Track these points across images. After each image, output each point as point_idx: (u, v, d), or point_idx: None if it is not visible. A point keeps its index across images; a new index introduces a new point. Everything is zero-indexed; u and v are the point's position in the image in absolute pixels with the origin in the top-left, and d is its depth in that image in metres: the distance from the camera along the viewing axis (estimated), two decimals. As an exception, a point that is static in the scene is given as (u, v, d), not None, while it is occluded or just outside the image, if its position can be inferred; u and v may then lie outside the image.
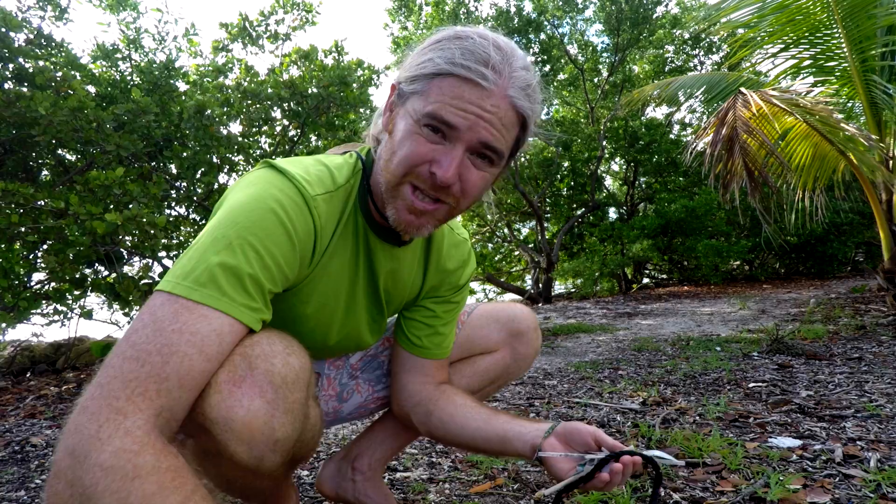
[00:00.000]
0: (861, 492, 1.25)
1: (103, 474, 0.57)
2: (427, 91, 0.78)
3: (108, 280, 3.41)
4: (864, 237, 9.11)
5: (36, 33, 3.40)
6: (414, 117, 0.79)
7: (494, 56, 0.77)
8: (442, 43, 0.79)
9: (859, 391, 2.23)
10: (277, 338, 0.78)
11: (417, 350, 1.10)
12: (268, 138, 4.70)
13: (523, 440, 0.92)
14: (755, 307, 6.06)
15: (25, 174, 3.50)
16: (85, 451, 0.58)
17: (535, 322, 1.27)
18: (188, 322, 0.67)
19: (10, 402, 2.62)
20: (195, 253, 0.72)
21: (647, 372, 2.91)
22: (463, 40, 0.78)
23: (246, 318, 0.72)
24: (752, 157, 3.64)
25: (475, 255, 1.19)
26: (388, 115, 0.86)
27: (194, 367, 0.66)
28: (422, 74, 0.79)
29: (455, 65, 0.76)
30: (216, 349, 0.68)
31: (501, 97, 0.77)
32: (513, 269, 12.39)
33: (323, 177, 0.87)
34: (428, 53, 0.80)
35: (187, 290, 0.69)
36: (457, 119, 0.76)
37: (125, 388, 0.62)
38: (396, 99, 0.84)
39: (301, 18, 4.88)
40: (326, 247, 0.89)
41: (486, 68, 0.76)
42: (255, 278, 0.73)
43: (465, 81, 0.76)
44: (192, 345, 0.66)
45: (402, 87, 0.82)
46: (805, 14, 4.08)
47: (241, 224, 0.74)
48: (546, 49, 10.64)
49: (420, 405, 1.09)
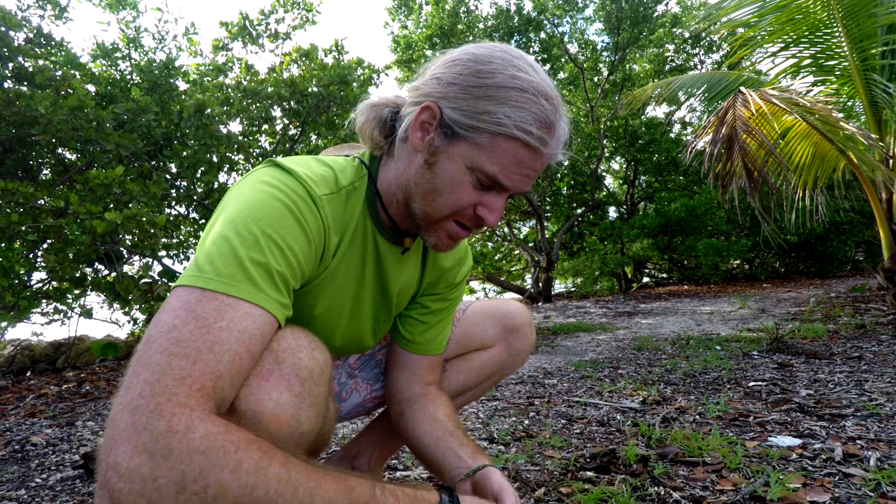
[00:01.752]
0: (861, 490, 1.25)
1: (203, 457, 0.57)
2: (489, 149, 0.79)
3: (108, 279, 3.41)
4: (864, 236, 9.12)
5: (35, 32, 3.40)
6: (466, 164, 0.80)
7: (556, 121, 0.80)
8: (512, 95, 0.77)
9: (859, 390, 2.23)
10: (301, 333, 0.78)
11: (409, 346, 1.11)
12: (268, 137, 4.70)
13: (451, 475, 0.93)
14: (755, 306, 6.07)
15: (25, 173, 3.50)
16: (165, 445, 0.56)
17: (529, 317, 1.29)
18: (234, 320, 0.66)
19: (10, 401, 2.62)
20: (220, 249, 0.70)
21: (646, 371, 2.91)
22: (533, 100, 0.78)
23: (279, 314, 0.73)
24: (751, 157, 3.64)
25: (473, 253, 1.19)
26: (422, 135, 0.83)
27: (244, 366, 0.67)
28: (485, 129, 0.78)
29: (526, 133, 0.77)
30: (259, 348, 0.69)
31: (549, 158, 0.83)
32: (513, 268, 12.39)
33: (327, 177, 0.87)
34: (490, 104, 0.77)
35: (225, 286, 0.68)
36: (511, 183, 0.81)
37: (181, 384, 0.60)
38: (438, 127, 0.81)
39: (301, 17, 4.88)
40: (336, 249, 0.90)
41: (550, 137, 0.80)
42: (283, 275, 0.74)
43: (528, 148, 0.79)
44: (242, 343, 0.66)
45: (451, 122, 0.80)
46: (805, 13, 4.08)
47: (263, 221, 0.74)
48: (546, 48, 10.63)
49: (399, 403, 1.10)
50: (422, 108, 0.82)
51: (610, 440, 1.76)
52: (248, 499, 0.57)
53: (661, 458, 1.51)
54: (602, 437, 1.80)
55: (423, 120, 0.83)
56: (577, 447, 1.69)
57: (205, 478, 0.56)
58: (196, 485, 0.56)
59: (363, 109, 0.93)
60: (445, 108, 0.80)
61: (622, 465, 1.48)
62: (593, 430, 1.90)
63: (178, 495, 0.55)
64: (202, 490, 0.56)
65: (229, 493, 0.57)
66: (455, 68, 0.81)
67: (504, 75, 0.78)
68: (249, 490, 0.58)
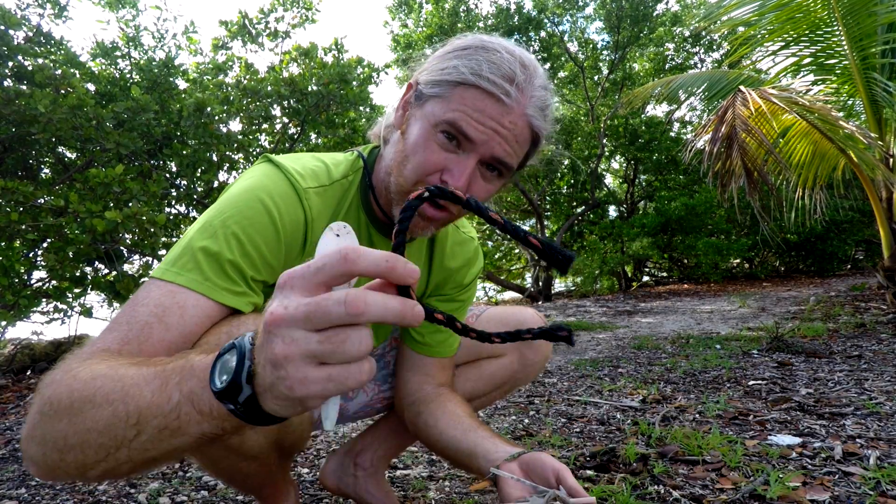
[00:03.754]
0: (860, 489, 1.25)
1: (55, 385, 0.60)
2: (448, 97, 0.78)
3: (108, 278, 3.41)
4: (864, 235, 9.11)
5: (35, 31, 3.39)
6: (431, 121, 0.79)
7: (519, 74, 0.78)
8: (469, 51, 0.79)
9: (859, 389, 2.23)
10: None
11: (419, 347, 1.10)
12: (267, 136, 4.69)
13: (487, 459, 0.89)
14: (755, 305, 6.07)
15: (25, 172, 3.50)
16: (45, 387, 0.61)
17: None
18: (153, 297, 0.72)
19: (10, 400, 2.63)
20: (182, 241, 0.77)
21: (646, 370, 2.91)
22: (490, 52, 0.78)
23: (226, 300, 0.74)
24: (750, 157, 3.64)
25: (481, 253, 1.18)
26: (402, 113, 0.85)
27: (153, 333, 0.69)
28: (445, 80, 0.79)
29: (481, 77, 0.76)
30: (177, 320, 0.71)
31: (520, 115, 0.79)
32: (513, 266, 12.40)
33: (318, 171, 0.88)
34: (453, 59, 0.79)
35: (173, 274, 0.73)
36: (475, 132, 0.78)
37: (92, 346, 0.67)
38: (413, 99, 0.83)
39: (301, 16, 4.88)
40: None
41: (510, 85, 0.77)
42: (235, 264, 0.76)
43: (487, 95, 0.77)
44: (154, 315, 0.70)
45: (422, 88, 0.82)
46: (805, 12, 4.07)
47: (226, 213, 0.78)
48: (546, 47, 10.63)
49: (414, 404, 1.08)
50: (406, 89, 0.85)
51: (610, 439, 1.76)
52: (78, 403, 0.57)
53: (661, 456, 1.52)
54: (602, 436, 1.80)
55: (405, 99, 0.85)
56: (577, 446, 1.70)
57: (52, 401, 0.59)
58: (46, 406, 0.59)
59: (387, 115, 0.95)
60: (420, 80, 0.83)
61: (622, 464, 1.48)
62: (593, 428, 1.90)
63: (40, 423, 0.59)
64: (48, 410, 0.59)
65: (63, 402, 0.58)
66: (439, 49, 0.85)
67: (474, 39, 0.81)
68: (78, 395, 0.58)
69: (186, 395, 0.51)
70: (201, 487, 1.48)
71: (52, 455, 0.58)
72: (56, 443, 0.57)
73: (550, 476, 0.81)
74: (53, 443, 0.57)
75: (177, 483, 1.51)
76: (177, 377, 0.52)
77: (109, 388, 0.56)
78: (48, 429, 0.58)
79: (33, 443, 0.59)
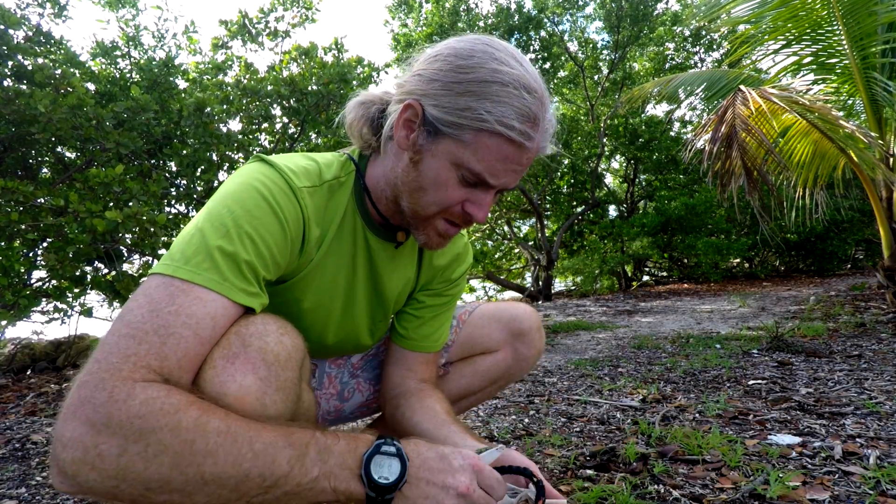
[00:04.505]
0: (860, 489, 1.25)
1: (142, 420, 0.58)
2: (472, 145, 0.78)
3: (108, 278, 3.41)
4: (864, 235, 9.11)
5: (35, 30, 3.39)
6: (451, 161, 0.80)
7: (539, 113, 0.79)
8: (493, 90, 0.76)
9: (859, 388, 2.23)
10: (271, 318, 0.78)
11: (402, 341, 1.10)
12: (267, 136, 4.69)
13: None
14: (755, 305, 6.07)
15: (25, 172, 3.50)
16: (105, 414, 0.58)
17: (537, 322, 1.25)
18: (184, 304, 0.68)
19: (10, 399, 2.63)
20: (192, 238, 0.74)
21: (646, 369, 2.91)
22: (515, 94, 0.77)
23: (242, 300, 0.73)
24: (750, 156, 3.64)
25: (473, 250, 1.19)
26: (406, 133, 0.83)
27: (190, 349, 0.67)
28: (466, 125, 0.77)
29: (508, 128, 0.76)
30: (210, 332, 0.70)
31: (536, 151, 0.82)
32: (513, 266, 12.39)
33: (310, 170, 0.88)
34: (470, 100, 0.77)
35: (189, 273, 0.70)
36: (497, 180, 0.81)
37: (126, 361, 0.63)
38: (422, 126, 0.81)
39: (301, 15, 4.87)
40: (321, 242, 0.90)
41: (534, 131, 0.79)
42: (252, 264, 0.75)
43: (511, 143, 0.78)
44: (188, 327, 0.67)
45: (434, 121, 0.79)
46: (806, 11, 4.07)
47: (236, 212, 0.76)
48: (546, 46, 10.62)
49: (395, 398, 1.08)
50: (405, 107, 0.82)
51: (610, 438, 1.76)
52: (189, 453, 0.59)
53: (661, 456, 1.52)
54: (602, 436, 1.80)
55: (406, 118, 0.83)
56: (577, 445, 1.70)
57: (145, 438, 0.58)
58: (137, 446, 0.58)
59: (352, 107, 0.93)
60: (427, 106, 0.80)
61: (622, 464, 1.48)
62: (593, 428, 1.90)
63: (120, 458, 0.58)
64: (143, 450, 0.58)
65: (170, 449, 0.58)
66: (436, 64, 0.81)
67: (485, 69, 0.77)
68: (189, 445, 0.59)
69: (325, 473, 0.64)
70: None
71: (133, 489, 0.58)
72: (148, 483, 0.58)
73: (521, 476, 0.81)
74: (143, 482, 0.58)
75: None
76: (314, 452, 0.64)
77: (232, 448, 0.60)
78: (136, 465, 0.58)
79: (95, 472, 0.58)
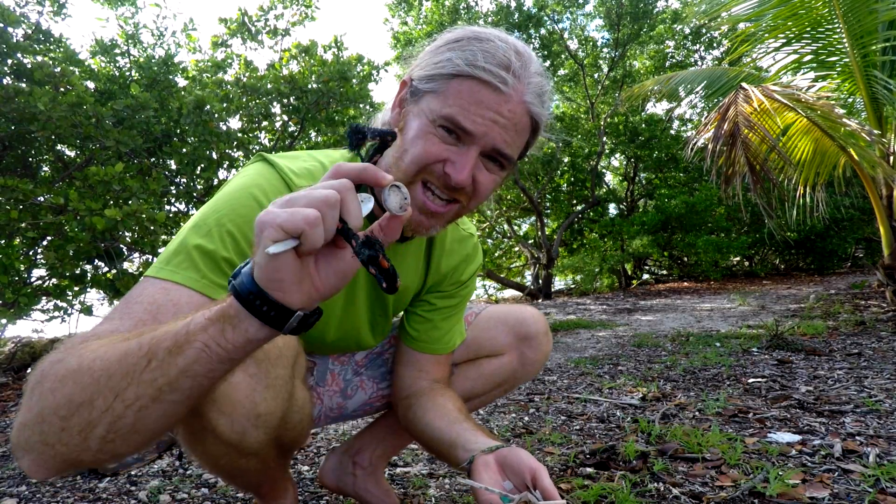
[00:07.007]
0: (860, 487, 1.25)
1: (43, 370, 0.60)
2: (445, 92, 0.77)
3: (108, 276, 3.41)
4: (865, 233, 9.11)
5: (34, 28, 3.39)
6: (429, 117, 0.78)
7: (514, 61, 0.77)
8: (462, 42, 0.78)
9: (858, 387, 2.23)
10: None
11: (414, 343, 1.10)
12: (267, 134, 4.69)
13: (465, 448, 0.87)
14: (755, 303, 6.07)
15: (25, 170, 3.49)
16: (41, 368, 0.61)
17: (545, 326, 1.23)
18: (148, 293, 0.72)
19: (10, 398, 2.63)
20: (177, 239, 0.77)
21: (646, 368, 2.92)
22: (483, 42, 0.78)
23: (220, 296, 0.73)
24: (753, 152, 3.64)
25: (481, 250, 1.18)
26: (398, 111, 0.84)
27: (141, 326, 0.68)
28: (439, 74, 0.78)
29: (476, 67, 0.75)
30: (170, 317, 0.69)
31: (518, 102, 0.78)
32: (513, 265, 12.39)
33: (313, 170, 0.88)
34: (446, 52, 0.79)
35: (169, 272, 0.73)
36: (473, 125, 0.76)
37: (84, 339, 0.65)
38: (408, 95, 0.83)
39: (300, 13, 4.87)
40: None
41: (506, 73, 0.76)
42: (231, 262, 0.76)
43: (484, 85, 0.76)
44: (148, 312, 0.70)
45: (416, 84, 0.81)
46: (807, 9, 4.07)
47: (221, 211, 0.78)
48: (546, 44, 10.60)
49: (407, 398, 1.08)
50: (399, 86, 0.85)
51: (610, 436, 1.76)
52: (77, 369, 0.58)
53: (661, 454, 1.52)
54: (602, 434, 1.80)
55: (400, 97, 0.84)
56: (577, 443, 1.70)
57: (43, 373, 0.59)
58: (40, 387, 0.59)
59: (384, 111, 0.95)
60: (414, 76, 0.82)
61: (622, 462, 1.48)
62: (593, 426, 1.90)
63: (30, 398, 0.59)
64: (37, 383, 0.59)
65: (66, 378, 0.58)
66: (429, 46, 0.84)
67: (465, 31, 0.81)
68: (77, 363, 0.58)
69: (198, 317, 0.57)
70: (201, 485, 1.48)
71: (53, 427, 0.57)
72: (58, 410, 0.57)
73: (526, 474, 0.78)
74: (55, 411, 0.57)
75: (177, 481, 1.51)
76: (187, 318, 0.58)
77: (112, 347, 0.59)
78: (49, 400, 0.58)
79: (27, 428, 0.59)
